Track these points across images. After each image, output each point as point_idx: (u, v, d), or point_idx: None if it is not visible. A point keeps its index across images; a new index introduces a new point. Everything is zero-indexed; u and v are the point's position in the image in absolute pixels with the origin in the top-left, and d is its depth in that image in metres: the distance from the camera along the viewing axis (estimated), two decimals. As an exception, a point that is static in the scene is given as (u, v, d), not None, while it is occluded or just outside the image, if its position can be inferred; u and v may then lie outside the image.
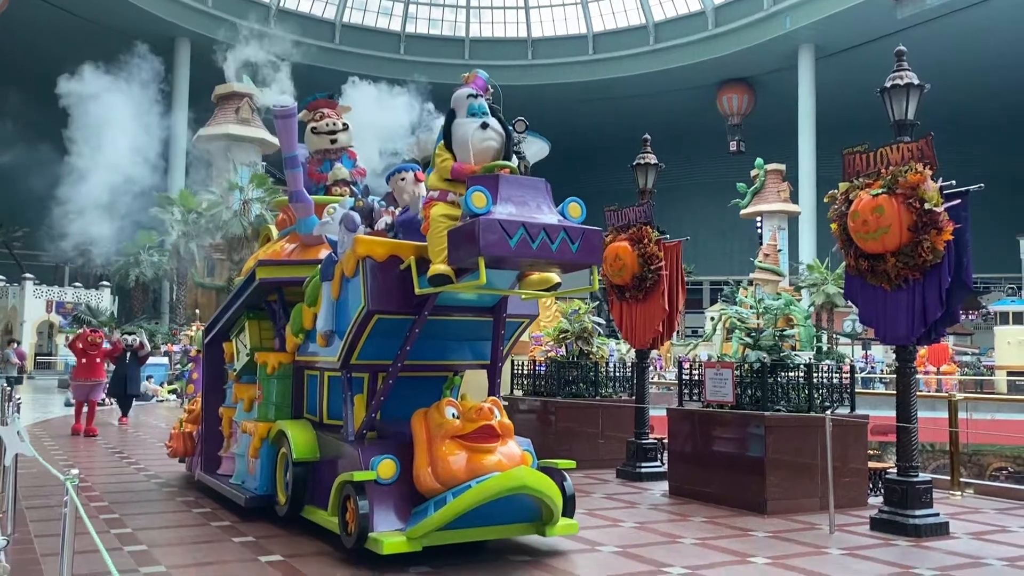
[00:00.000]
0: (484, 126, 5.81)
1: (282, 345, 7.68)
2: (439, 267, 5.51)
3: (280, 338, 7.77)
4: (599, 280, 6.08)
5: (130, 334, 19.38)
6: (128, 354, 17.55)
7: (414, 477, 5.87)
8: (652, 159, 10.58)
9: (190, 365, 18.33)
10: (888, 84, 7.56)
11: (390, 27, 62.47)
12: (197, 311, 42.47)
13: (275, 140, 47.59)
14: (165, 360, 31.28)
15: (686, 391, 9.47)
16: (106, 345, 16.41)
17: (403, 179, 6.67)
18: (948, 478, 9.53)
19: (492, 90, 6.35)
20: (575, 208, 5.60)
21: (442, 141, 5.99)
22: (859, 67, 49.93)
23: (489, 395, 6.52)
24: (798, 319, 25.82)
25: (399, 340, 6.15)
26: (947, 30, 49.66)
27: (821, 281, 43.72)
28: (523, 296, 6.37)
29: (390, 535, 5.70)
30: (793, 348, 9.89)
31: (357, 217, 6.35)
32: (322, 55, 54.03)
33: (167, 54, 52.66)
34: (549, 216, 5.42)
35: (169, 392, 28.08)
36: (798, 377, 8.68)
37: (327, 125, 8.52)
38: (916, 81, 7.48)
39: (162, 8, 51.38)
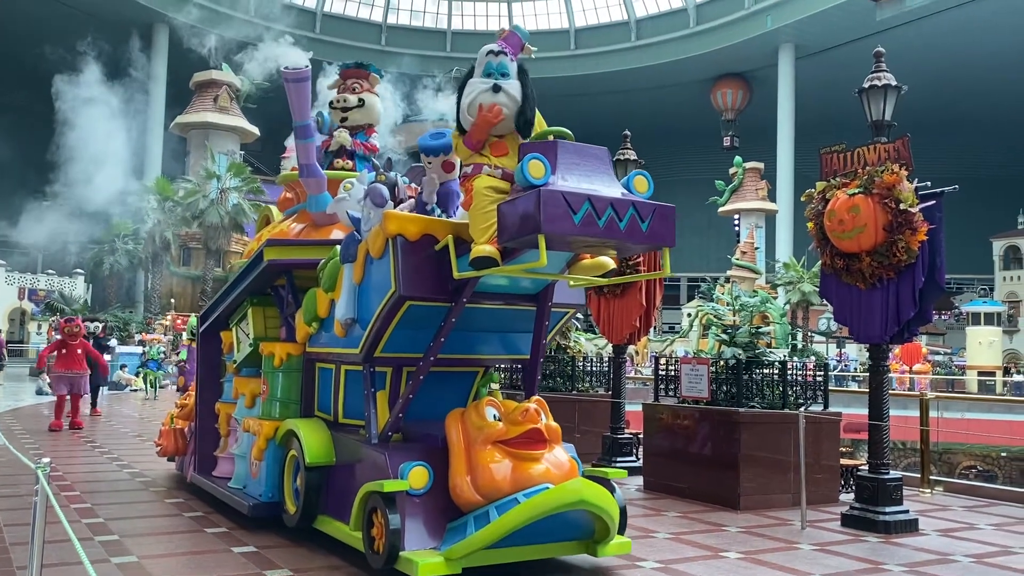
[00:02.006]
0: (496, 89, 5.08)
1: (290, 335, 6.96)
2: (484, 247, 4.77)
3: (288, 327, 7.04)
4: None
5: (91, 321, 18.81)
6: (91, 342, 17.24)
7: (451, 487, 5.21)
8: (632, 155, 10.60)
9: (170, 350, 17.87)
10: (866, 85, 7.63)
11: (371, 17, 62.15)
12: (172, 300, 42.15)
13: (254, 129, 47.70)
14: (139, 349, 30.97)
15: (662, 387, 9.52)
16: (89, 328, 15.53)
17: (430, 163, 5.83)
18: (919, 476, 9.65)
19: (532, 50, 5.55)
20: (642, 182, 4.83)
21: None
22: (839, 67, 50.29)
23: (527, 394, 5.85)
24: (774, 317, 25.97)
25: (431, 330, 5.47)
26: (926, 32, 50.12)
27: (797, 279, 44.11)
28: (571, 283, 5.63)
29: (425, 555, 5.03)
30: (768, 345, 9.97)
31: (385, 191, 5.63)
32: (303, 45, 53.64)
33: (145, 40, 52.22)
34: (613, 189, 4.70)
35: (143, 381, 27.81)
36: (773, 374, 8.75)
37: (340, 101, 7.61)
38: (894, 82, 7.55)
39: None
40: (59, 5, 50.08)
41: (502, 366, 11.40)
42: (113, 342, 26.41)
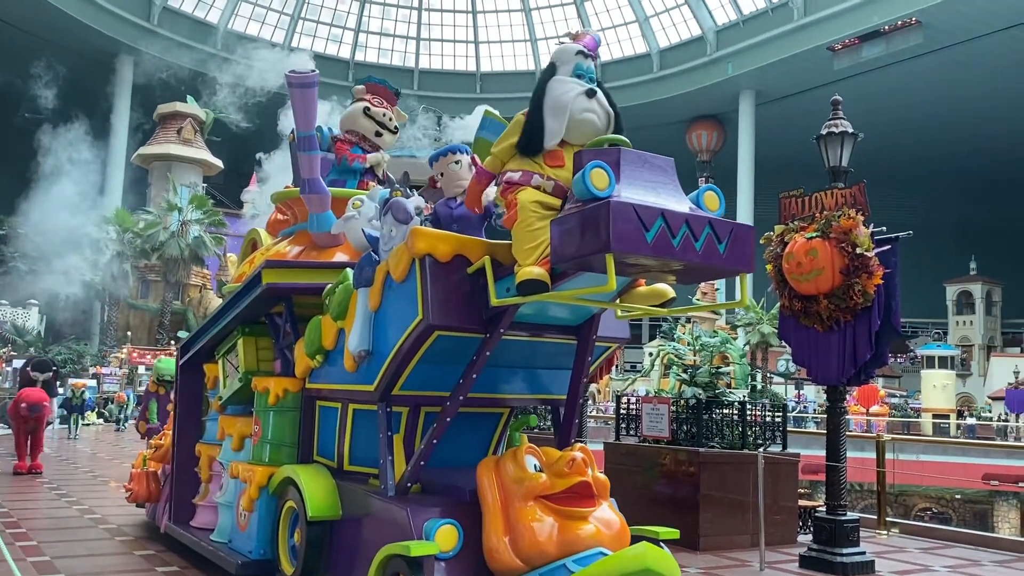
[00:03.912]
0: (591, 94, 4.45)
1: (285, 368, 6.21)
2: (532, 270, 4.13)
3: (284, 359, 6.26)
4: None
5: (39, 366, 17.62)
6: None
7: (486, 550, 4.46)
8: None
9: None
10: (824, 132, 7.81)
11: (339, 55, 62.41)
12: (128, 333, 41.45)
13: (217, 162, 47.37)
14: (93, 383, 30.36)
15: (623, 426, 9.53)
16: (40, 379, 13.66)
17: (457, 162, 5.32)
18: (875, 517, 9.73)
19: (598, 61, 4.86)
20: (713, 198, 4.14)
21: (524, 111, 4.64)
22: (798, 114, 51.44)
23: (562, 440, 5.19)
24: (734, 357, 26.30)
25: (459, 366, 4.80)
26: (881, 82, 51.57)
27: (756, 321, 44.60)
28: (619, 313, 4.97)
29: None
30: (728, 385, 10.05)
31: (410, 205, 4.97)
32: (269, 77, 53.69)
33: (109, 70, 51.92)
34: (682, 205, 4.04)
35: (97, 416, 27.24)
36: (732, 414, 8.81)
37: (382, 115, 7.00)
38: (850, 130, 7.75)
39: (105, 24, 50.54)
40: (19, 32, 49.57)
41: (535, 408, 9.60)
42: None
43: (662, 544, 4.77)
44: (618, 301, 4.66)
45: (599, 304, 4.62)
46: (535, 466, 4.53)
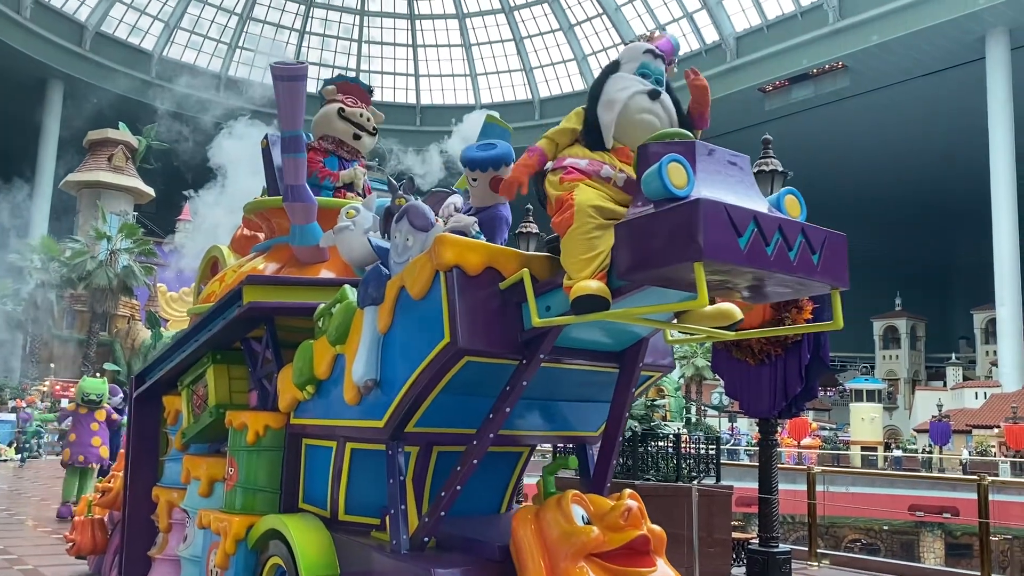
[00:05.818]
0: (654, 95, 3.88)
1: (263, 401, 5.37)
2: (590, 284, 3.47)
3: (261, 391, 5.43)
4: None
5: None
6: None
7: None
8: (534, 228, 10.79)
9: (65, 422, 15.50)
10: (755, 170, 8.00)
11: (278, 83, 62.14)
12: (52, 364, 40.08)
13: (149, 190, 46.38)
14: (12, 417, 29.22)
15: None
16: None
17: (475, 179, 4.80)
18: (807, 549, 9.86)
19: (675, 67, 4.36)
20: (794, 203, 3.51)
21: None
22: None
23: (595, 482, 4.48)
24: (669, 390, 26.54)
25: (483, 398, 4.05)
26: (810, 123, 53.34)
27: (691, 354, 45.27)
28: (669, 337, 4.42)
29: None
30: (663, 418, 10.13)
31: (429, 211, 4.28)
32: (205, 106, 53.09)
33: (38, 95, 50.73)
34: (764, 207, 3.38)
35: (16, 452, 26.18)
36: (667, 447, 8.87)
37: (359, 115, 6.28)
38: (780, 168, 7.96)
39: (35, 48, 49.43)
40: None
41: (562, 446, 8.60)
42: None
43: None
44: (674, 323, 4.00)
45: (659, 325, 3.95)
46: (583, 517, 3.81)
